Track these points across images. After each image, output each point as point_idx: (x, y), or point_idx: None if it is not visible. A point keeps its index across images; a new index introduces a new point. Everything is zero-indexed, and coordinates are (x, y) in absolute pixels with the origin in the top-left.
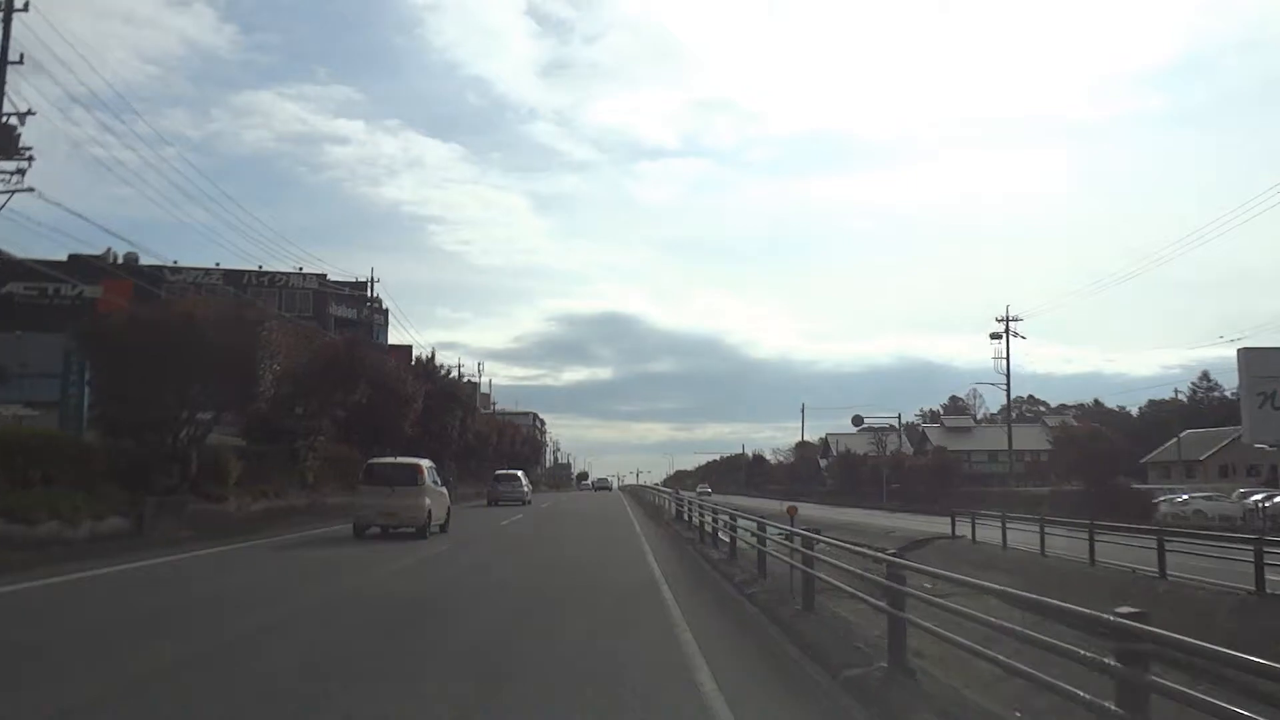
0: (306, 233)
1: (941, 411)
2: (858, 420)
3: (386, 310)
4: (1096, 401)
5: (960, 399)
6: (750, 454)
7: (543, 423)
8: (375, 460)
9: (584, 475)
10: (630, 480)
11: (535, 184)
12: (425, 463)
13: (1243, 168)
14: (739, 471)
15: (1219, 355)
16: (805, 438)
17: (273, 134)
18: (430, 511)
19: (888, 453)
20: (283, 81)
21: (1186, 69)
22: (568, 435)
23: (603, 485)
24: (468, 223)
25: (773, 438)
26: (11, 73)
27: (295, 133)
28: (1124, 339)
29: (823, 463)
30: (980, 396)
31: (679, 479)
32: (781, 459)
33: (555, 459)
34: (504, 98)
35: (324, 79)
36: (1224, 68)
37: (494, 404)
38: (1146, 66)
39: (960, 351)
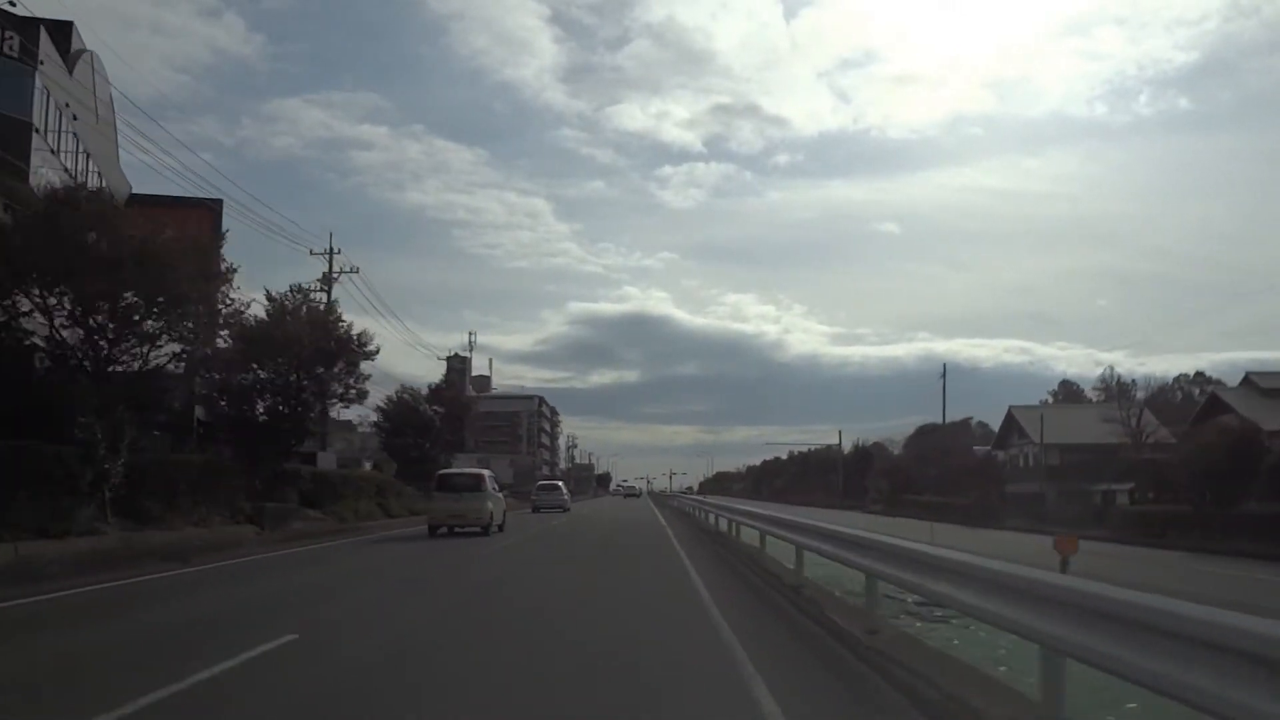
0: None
1: (1051, 400)
2: None
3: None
4: None
5: (1072, 382)
6: (851, 445)
7: (553, 411)
8: (445, 470)
9: (605, 478)
10: (661, 484)
11: (560, 188)
12: (487, 472)
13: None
14: (828, 474)
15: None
16: (854, 437)
17: (300, 140)
18: (492, 513)
19: (1137, 428)
20: (310, 89)
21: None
22: (595, 438)
23: (631, 492)
24: (492, 227)
25: (801, 441)
26: None
27: (321, 138)
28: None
29: (999, 454)
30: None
31: (720, 482)
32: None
33: (573, 458)
34: (528, 104)
35: (350, 86)
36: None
37: (494, 387)
38: (1169, 71)
39: (990, 354)
